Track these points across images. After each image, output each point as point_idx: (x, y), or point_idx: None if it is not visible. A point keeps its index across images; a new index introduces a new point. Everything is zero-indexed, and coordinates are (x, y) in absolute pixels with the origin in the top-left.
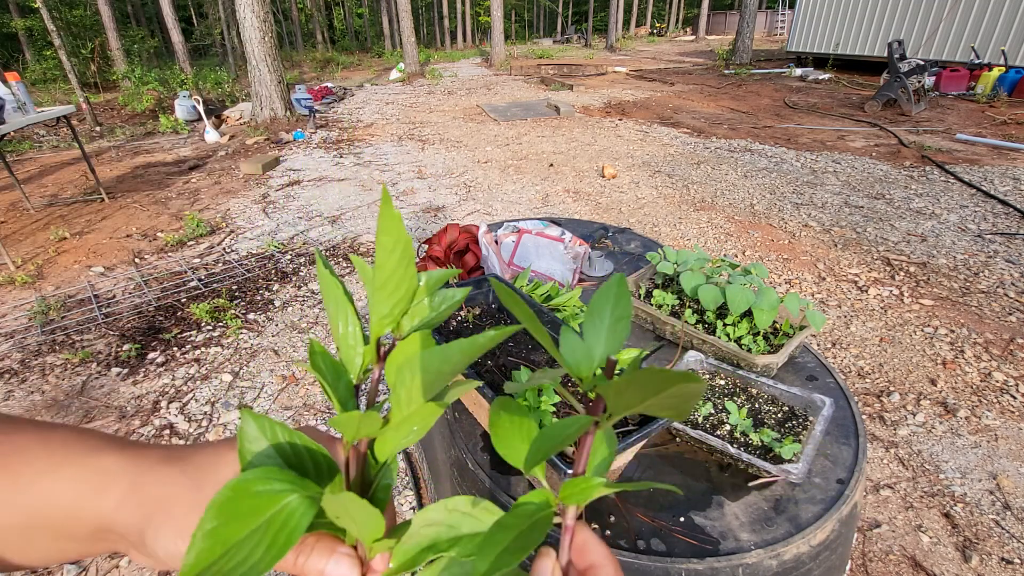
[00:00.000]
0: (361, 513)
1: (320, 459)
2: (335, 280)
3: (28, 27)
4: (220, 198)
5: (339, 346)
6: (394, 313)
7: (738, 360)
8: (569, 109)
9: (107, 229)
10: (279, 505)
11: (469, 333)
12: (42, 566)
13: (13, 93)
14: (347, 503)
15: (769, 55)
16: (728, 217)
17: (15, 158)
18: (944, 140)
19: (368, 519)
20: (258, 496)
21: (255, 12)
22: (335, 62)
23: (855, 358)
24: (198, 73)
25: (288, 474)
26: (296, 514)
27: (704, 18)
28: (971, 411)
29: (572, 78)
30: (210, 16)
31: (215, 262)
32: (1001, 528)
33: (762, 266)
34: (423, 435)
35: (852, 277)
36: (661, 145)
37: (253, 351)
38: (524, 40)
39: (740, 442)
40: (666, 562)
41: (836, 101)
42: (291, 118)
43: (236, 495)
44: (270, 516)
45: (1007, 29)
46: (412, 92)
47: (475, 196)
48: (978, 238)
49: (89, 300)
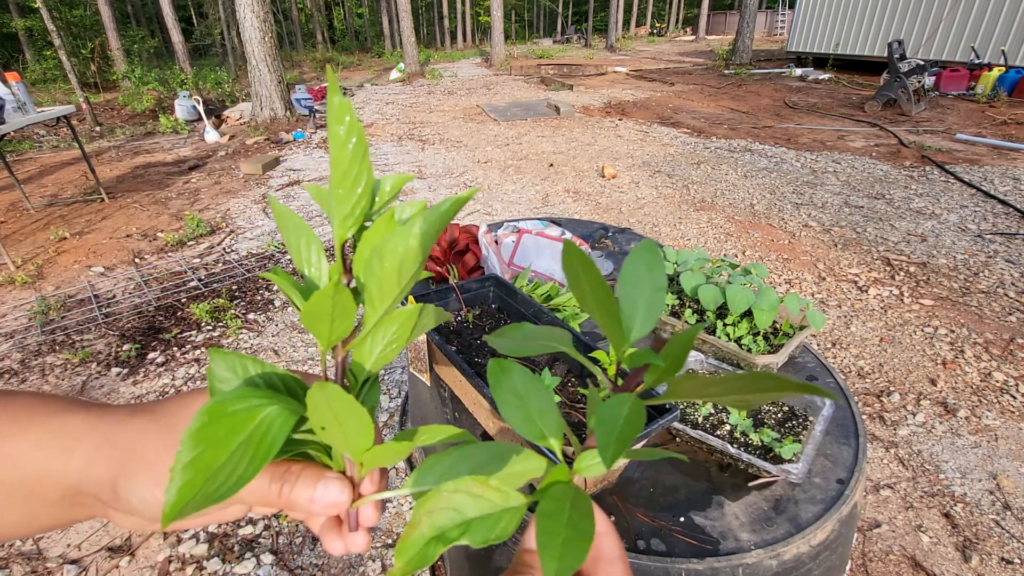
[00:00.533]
0: (348, 413)
1: (296, 388)
2: (291, 212)
3: (28, 27)
4: (220, 198)
5: (303, 272)
6: (355, 213)
7: (738, 360)
8: (569, 109)
9: (107, 229)
10: (257, 419)
11: (469, 333)
12: (18, 536)
13: (13, 93)
14: (332, 399)
15: (769, 55)
16: (728, 217)
17: (15, 158)
18: (944, 140)
19: (356, 422)
20: (235, 415)
21: (255, 12)
22: (335, 62)
23: (855, 358)
24: (198, 73)
25: (264, 391)
26: (276, 423)
27: (704, 18)
28: (971, 411)
29: (572, 78)
30: (210, 16)
31: (215, 262)
32: (1001, 528)
33: (762, 266)
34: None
35: (852, 277)
36: (661, 145)
37: (253, 351)
38: (524, 40)
39: (740, 442)
40: (666, 562)
41: (836, 101)
42: (291, 118)
43: (212, 418)
44: (250, 431)
45: (1007, 29)
46: (412, 92)
47: (475, 196)
48: (978, 238)
49: (89, 300)
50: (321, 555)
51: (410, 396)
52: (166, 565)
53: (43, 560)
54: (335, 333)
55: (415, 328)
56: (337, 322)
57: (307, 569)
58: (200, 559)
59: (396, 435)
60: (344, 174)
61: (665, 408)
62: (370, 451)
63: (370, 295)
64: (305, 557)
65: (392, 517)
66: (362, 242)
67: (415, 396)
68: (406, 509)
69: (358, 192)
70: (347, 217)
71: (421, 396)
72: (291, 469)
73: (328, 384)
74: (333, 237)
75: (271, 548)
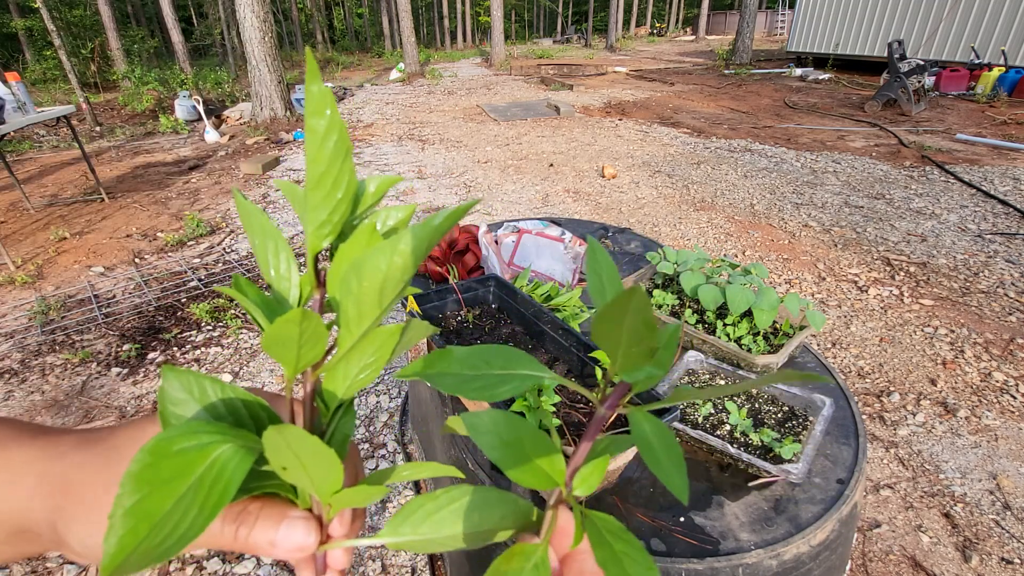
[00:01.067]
0: (312, 454)
1: (260, 414)
2: (257, 209)
3: (28, 27)
4: (220, 198)
5: (271, 282)
6: (333, 220)
7: (738, 360)
8: (569, 109)
9: (107, 229)
10: (209, 460)
11: (469, 333)
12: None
13: (13, 93)
14: (292, 440)
15: (769, 55)
16: (728, 217)
17: (15, 158)
18: (944, 140)
19: (322, 463)
20: (182, 455)
21: (255, 12)
22: (335, 62)
23: (855, 358)
24: (198, 73)
25: (217, 425)
26: (230, 465)
27: (704, 18)
28: (971, 411)
29: (572, 78)
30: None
31: (215, 262)
32: (1001, 528)
33: (762, 266)
34: (380, 369)
35: (852, 277)
36: (661, 145)
37: (253, 351)
38: (524, 40)
39: (740, 442)
40: (666, 562)
41: (836, 101)
42: (291, 118)
43: (155, 459)
44: (199, 475)
45: (1007, 29)
46: (412, 92)
47: (475, 196)
48: (978, 238)
49: (89, 300)
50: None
51: (410, 396)
52: (166, 565)
53: (43, 560)
54: (303, 360)
55: (398, 347)
56: (305, 348)
57: None
58: (200, 559)
59: (370, 475)
60: (322, 176)
61: (665, 409)
62: (339, 493)
63: (346, 315)
64: None
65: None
66: (339, 254)
67: (415, 396)
68: None
69: (337, 196)
70: (323, 224)
71: (421, 396)
72: (248, 509)
73: (287, 427)
74: (306, 245)
75: None
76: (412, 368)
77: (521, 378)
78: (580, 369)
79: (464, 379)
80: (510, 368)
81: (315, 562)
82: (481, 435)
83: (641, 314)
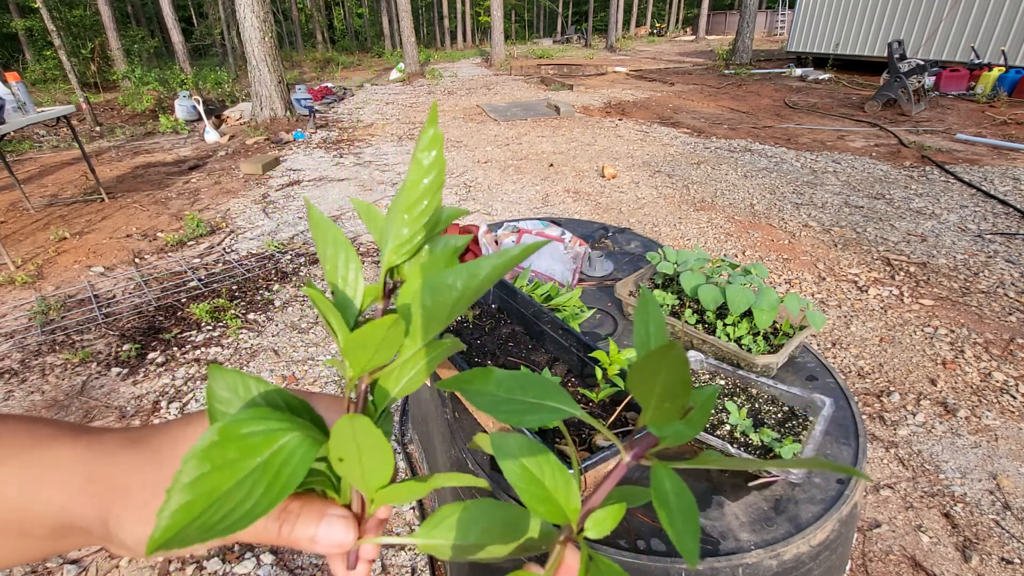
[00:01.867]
0: (372, 447)
1: (304, 414)
2: (329, 222)
3: (28, 27)
4: (220, 198)
5: (335, 288)
6: (413, 241)
7: (738, 360)
8: (569, 109)
9: (107, 229)
10: (276, 445)
11: (469, 332)
12: (4, 568)
13: (13, 93)
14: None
15: (769, 55)
16: (728, 217)
17: (15, 158)
18: (944, 140)
19: (378, 456)
20: (249, 438)
21: (255, 12)
22: (335, 62)
23: (855, 358)
24: (198, 73)
25: (284, 414)
26: (297, 454)
27: (704, 18)
28: (971, 411)
29: (572, 78)
30: (210, 16)
31: (215, 262)
32: (1001, 528)
33: (762, 266)
34: (426, 377)
35: (852, 277)
36: (661, 145)
37: (253, 351)
38: (524, 40)
39: (740, 442)
40: (666, 562)
41: (836, 101)
42: (291, 118)
43: (223, 438)
44: (266, 459)
45: (1007, 29)
46: (412, 92)
47: (475, 196)
48: (978, 238)
49: (89, 300)
50: (321, 556)
51: (410, 396)
52: (166, 565)
53: (43, 560)
54: (373, 361)
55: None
56: (380, 351)
57: (307, 569)
58: (200, 559)
59: (414, 478)
60: (415, 202)
61: None
62: (384, 489)
63: (414, 327)
64: (305, 557)
65: (393, 516)
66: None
67: (415, 396)
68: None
69: (423, 222)
70: (404, 243)
71: (421, 396)
72: (289, 508)
73: (358, 416)
74: (381, 260)
75: (271, 548)
76: (452, 381)
77: (550, 410)
78: (580, 369)
79: (498, 400)
80: (542, 399)
81: (348, 556)
82: (505, 457)
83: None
